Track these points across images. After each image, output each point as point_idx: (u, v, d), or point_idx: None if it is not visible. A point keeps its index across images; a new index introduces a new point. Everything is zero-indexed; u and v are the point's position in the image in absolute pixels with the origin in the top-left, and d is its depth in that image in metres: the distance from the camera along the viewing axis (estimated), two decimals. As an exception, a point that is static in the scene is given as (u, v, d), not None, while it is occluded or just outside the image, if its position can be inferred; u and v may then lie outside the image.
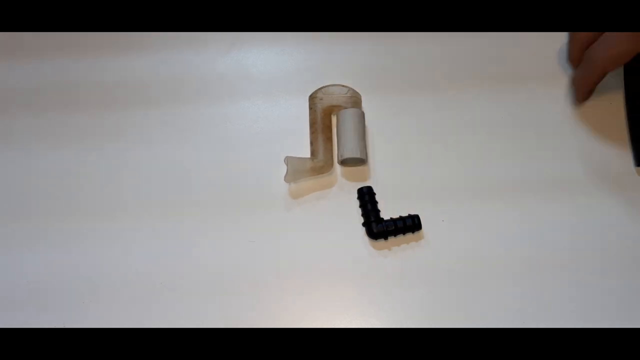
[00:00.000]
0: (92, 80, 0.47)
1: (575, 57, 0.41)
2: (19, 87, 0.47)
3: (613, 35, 0.36)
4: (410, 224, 0.38)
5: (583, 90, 0.41)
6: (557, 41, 0.43)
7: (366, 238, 0.39)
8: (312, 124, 0.42)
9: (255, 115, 0.44)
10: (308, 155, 0.42)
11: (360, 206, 0.40)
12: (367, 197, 0.39)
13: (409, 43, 0.47)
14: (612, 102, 0.43)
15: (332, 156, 0.41)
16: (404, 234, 0.38)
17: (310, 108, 0.43)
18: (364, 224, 0.39)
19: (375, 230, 0.38)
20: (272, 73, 0.47)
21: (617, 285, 0.37)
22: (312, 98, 0.44)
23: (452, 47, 0.47)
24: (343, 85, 0.43)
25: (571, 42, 0.40)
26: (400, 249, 0.38)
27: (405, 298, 0.37)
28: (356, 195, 0.40)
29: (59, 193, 0.42)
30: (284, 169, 0.39)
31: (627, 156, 0.41)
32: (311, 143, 0.42)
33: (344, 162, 0.41)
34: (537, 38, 0.46)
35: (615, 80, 0.43)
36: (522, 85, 0.44)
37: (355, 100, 0.43)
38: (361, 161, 0.41)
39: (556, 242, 0.38)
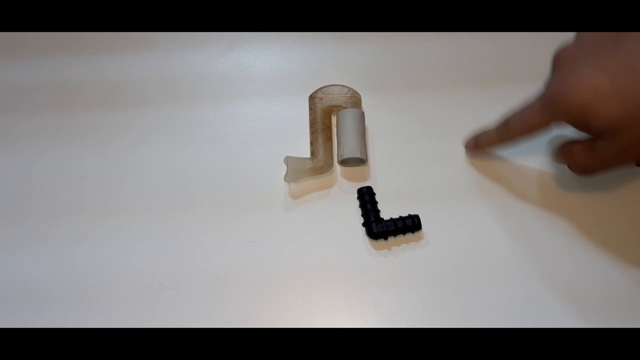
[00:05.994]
0: (92, 80, 0.47)
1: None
2: (18, 87, 0.47)
3: (529, 107, 0.36)
4: (410, 224, 0.38)
5: (484, 146, 0.40)
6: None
7: (366, 238, 0.39)
8: (312, 124, 0.42)
9: (255, 115, 0.44)
10: (308, 155, 0.42)
11: (360, 206, 0.40)
12: (367, 197, 0.39)
13: (409, 43, 0.47)
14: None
15: (332, 156, 0.41)
16: (404, 234, 0.38)
17: (310, 108, 0.43)
18: (364, 224, 0.39)
19: (375, 230, 0.38)
20: (272, 73, 0.47)
21: (619, 285, 0.37)
22: (312, 98, 0.44)
23: (452, 47, 0.47)
24: (343, 85, 0.43)
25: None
26: (400, 249, 0.38)
27: (405, 298, 0.37)
28: (356, 195, 0.40)
29: (59, 193, 0.42)
30: (284, 169, 0.39)
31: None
32: (311, 143, 0.42)
33: (343, 162, 0.41)
34: (536, 38, 0.46)
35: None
36: (522, 85, 0.44)
37: (355, 100, 0.43)
38: (361, 161, 0.41)
39: (557, 242, 0.38)
